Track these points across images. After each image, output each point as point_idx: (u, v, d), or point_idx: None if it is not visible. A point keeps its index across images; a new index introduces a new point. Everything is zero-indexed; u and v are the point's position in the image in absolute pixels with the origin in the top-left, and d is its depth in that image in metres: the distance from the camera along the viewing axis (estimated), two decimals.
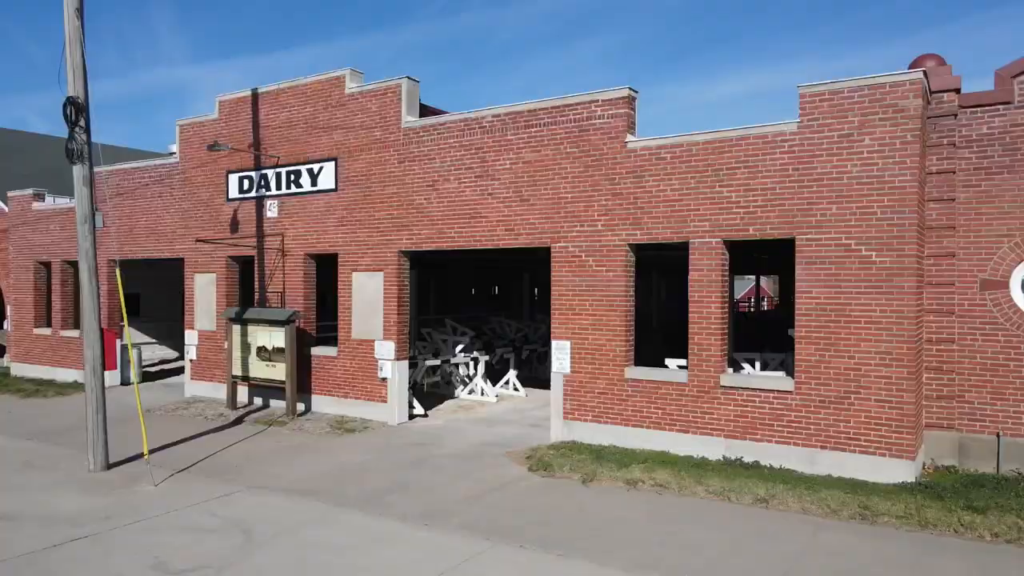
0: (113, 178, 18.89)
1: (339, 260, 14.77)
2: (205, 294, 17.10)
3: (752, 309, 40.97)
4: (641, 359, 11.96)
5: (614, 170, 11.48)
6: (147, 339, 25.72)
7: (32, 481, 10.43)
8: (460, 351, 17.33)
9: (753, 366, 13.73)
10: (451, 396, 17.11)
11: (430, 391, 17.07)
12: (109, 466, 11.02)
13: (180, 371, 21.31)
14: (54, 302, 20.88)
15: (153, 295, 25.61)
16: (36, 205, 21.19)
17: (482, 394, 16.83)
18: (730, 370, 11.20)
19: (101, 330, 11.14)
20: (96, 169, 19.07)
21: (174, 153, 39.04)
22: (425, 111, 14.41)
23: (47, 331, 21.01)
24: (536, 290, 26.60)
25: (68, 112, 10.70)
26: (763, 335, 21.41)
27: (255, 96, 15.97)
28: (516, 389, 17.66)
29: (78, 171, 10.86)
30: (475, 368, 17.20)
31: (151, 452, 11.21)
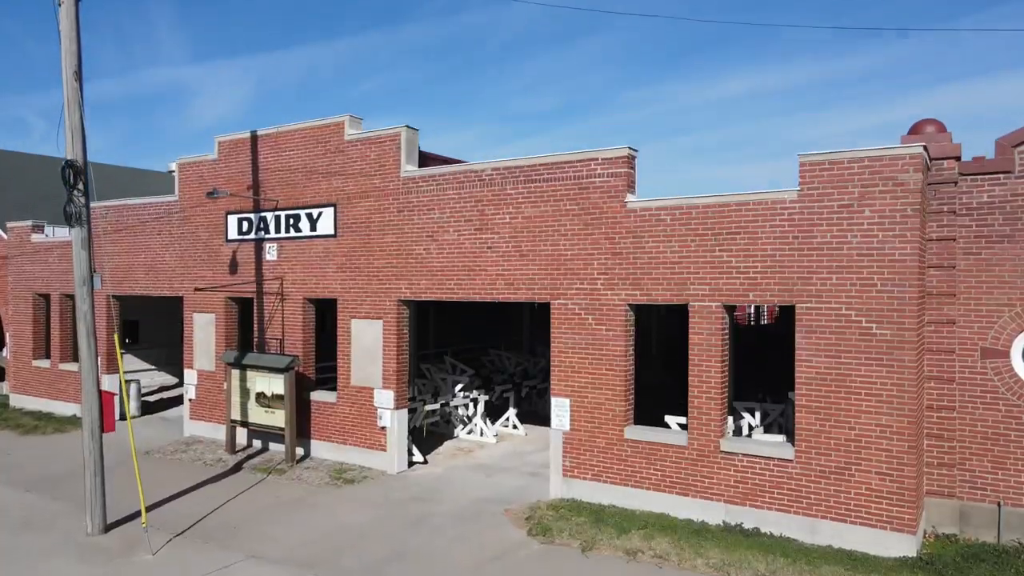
0: (112, 214, 18.86)
1: (338, 306, 14.74)
2: (204, 333, 17.07)
3: (752, 322, 40.92)
4: (641, 389, 11.89)
5: (614, 229, 11.46)
6: (146, 366, 25.71)
7: (29, 545, 10.40)
8: (459, 390, 17.30)
9: (753, 415, 13.71)
10: (450, 436, 17.09)
11: (430, 430, 17.04)
12: (107, 527, 10.99)
13: (179, 399, 21.27)
14: (53, 335, 20.85)
15: (152, 321, 25.61)
16: (35, 237, 21.17)
17: (481, 435, 16.80)
18: (731, 431, 11.18)
19: (100, 392, 11.10)
20: (94, 204, 19.10)
21: (173, 171, 38.92)
22: (424, 159, 14.39)
23: (46, 363, 20.98)
24: (535, 315, 26.55)
25: (67, 175, 10.67)
26: (762, 357, 21.35)
27: (254, 138, 15.94)
28: (515, 427, 17.64)
29: (76, 234, 10.83)
30: (474, 408, 17.17)
31: (149, 509, 11.19)
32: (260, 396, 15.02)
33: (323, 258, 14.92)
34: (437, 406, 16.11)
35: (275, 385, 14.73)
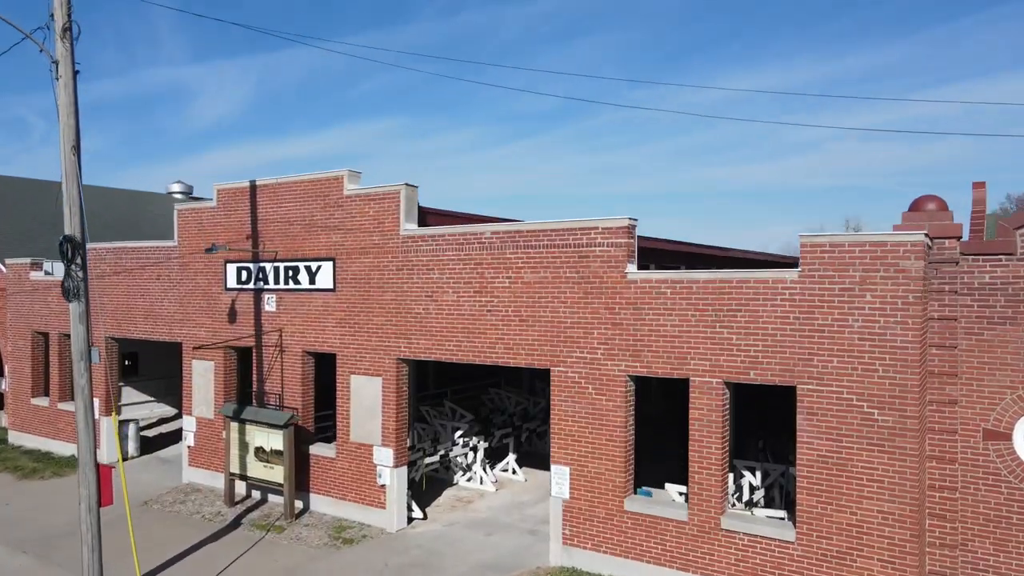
0: (111, 256, 18.81)
1: (337, 361, 14.69)
2: (203, 380, 17.02)
3: None
4: (640, 421, 12.04)
5: (614, 299, 11.41)
6: (145, 397, 25.63)
7: None
8: (459, 436, 17.25)
9: (754, 474, 13.67)
10: (450, 482, 17.03)
11: (429, 476, 16.98)
12: None
13: (178, 435, 21.19)
14: (52, 374, 20.79)
15: (152, 352, 25.52)
16: (33, 275, 21.11)
17: (480, 483, 16.75)
18: (731, 500, 11.13)
19: (97, 466, 11.04)
20: (93, 246, 19.04)
21: (173, 194, 38.86)
22: (424, 215, 14.34)
23: (44, 402, 20.93)
24: None
25: (64, 250, 10.62)
26: (762, 402, 21.25)
27: (253, 188, 15.90)
28: (515, 472, 17.60)
29: (75, 308, 10.77)
30: (474, 456, 17.12)
31: None
32: (259, 450, 14.97)
33: (322, 312, 14.87)
34: (437, 458, 16.06)
35: (274, 441, 14.68)
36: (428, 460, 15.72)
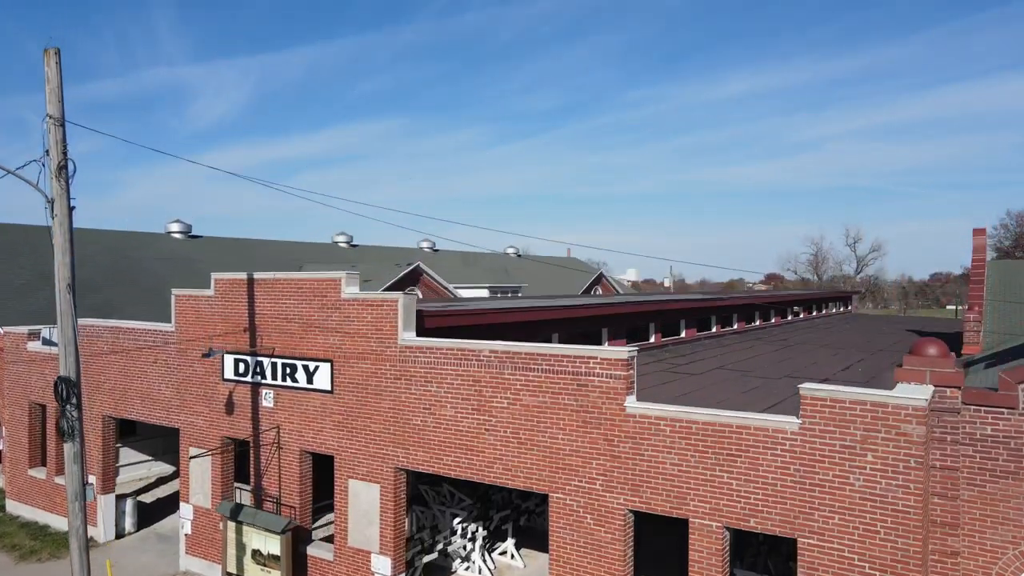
0: (108, 334, 18.73)
1: (335, 463, 14.61)
2: (200, 468, 16.93)
3: None
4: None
5: (612, 431, 11.33)
6: (143, 457, 25.56)
7: None
8: (458, 523, 17.16)
9: None
10: (449, 569, 16.94)
11: (429, 563, 16.88)
12: None
13: (176, 499, 21.07)
14: (49, 446, 20.70)
15: None
16: (31, 346, 21.02)
17: (479, 573, 16.65)
18: None
19: None
20: (91, 322, 18.96)
21: (171, 232, 38.77)
22: (422, 317, 14.26)
23: (41, 473, 20.84)
24: None
25: (60, 390, 10.55)
26: None
27: (251, 281, 15.82)
28: (513, 557, 17.50)
29: (69, 448, 10.70)
30: (472, 545, 17.02)
31: None
32: (256, 552, 14.88)
33: (320, 413, 14.79)
34: (435, 554, 15.96)
35: (271, 545, 14.59)
36: (427, 560, 15.62)
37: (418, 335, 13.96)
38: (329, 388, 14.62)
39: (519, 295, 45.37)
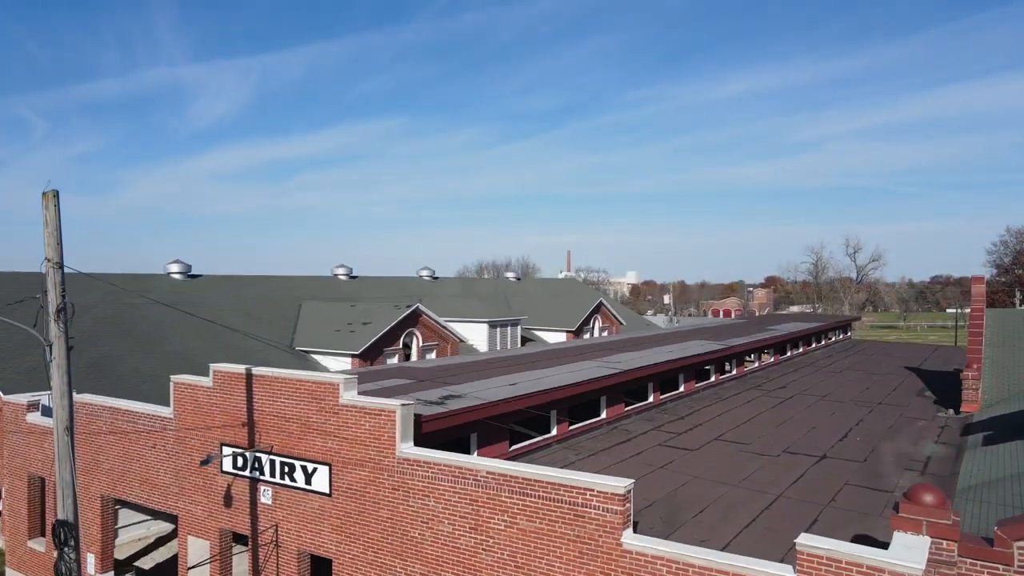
0: (108, 414, 18.76)
1: (333, 568, 14.63)
2: (199, 559, 16.96)
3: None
4: None
5: (609, 566, 11.35)
6: (142, 516, 25.54)
7: None
8: None
9: None
10: None
11: None
12: None
13: (175, 564, 21.09)
14: (48, 518, 20.74)
15: None
16: (30, 417, 21.05)
17: None
18: None
19: None
20: (88, 400, 18.99)
21: (171, 273, 38.66)
22: (420, 422, 14.28)
23: (40, 546, 20.87)
24: None
25: (58, 533, 10.58)
26: None
27: (249, 376, 15.84)
28: None
29: None
30: None
31: None
32: None
33: (318, 515, 14.82)
34: None
35: None
36: None
37: (417, 442, 14.00)
38: (328, 491, 14.65)
39: (518, 327, 45.44)
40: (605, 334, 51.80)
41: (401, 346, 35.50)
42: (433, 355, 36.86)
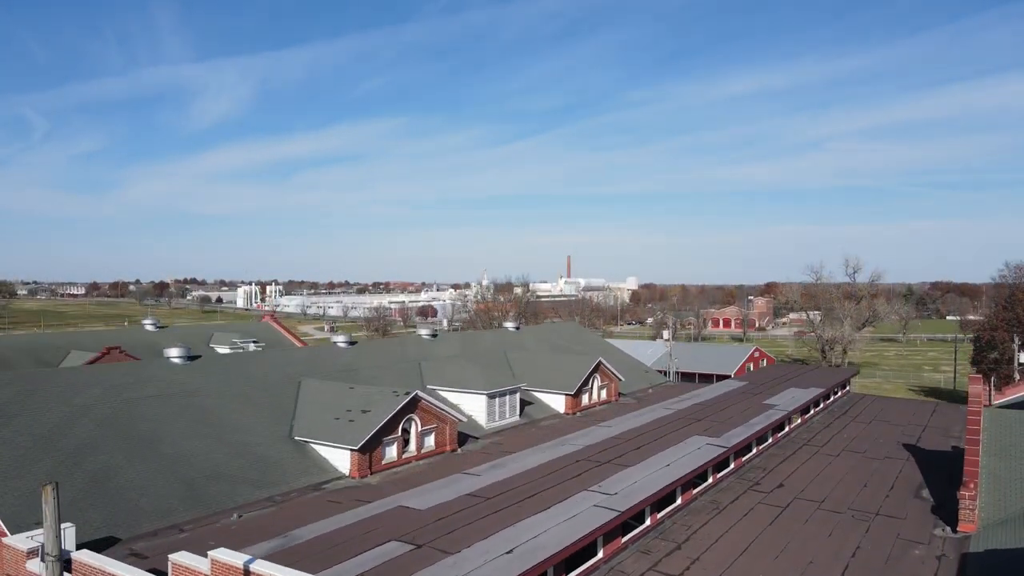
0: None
1: None
2: None
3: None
4: None
5: None
6: None
7: None
8: None
9: None
10: None
11: None
12: None
13: None
14: None
15: None
16: (30, 565, 21.10)
17: None
18: None
19: None
20: (87, 559, 19.05)
21: (171, 358, 38.65)
22: None
23: None
24: None
25: None
26: None
27: (247, 572, 15.93)
28: None
29: None
30: None
31: None
32: None
33: None
34: None
35: None
36: None
37: None
38: None
39: (516, 395, 45.55)
40: (603, 394, 52.01)
41: (400, 432, 35.65)
42: (431, 440, 37.06)
